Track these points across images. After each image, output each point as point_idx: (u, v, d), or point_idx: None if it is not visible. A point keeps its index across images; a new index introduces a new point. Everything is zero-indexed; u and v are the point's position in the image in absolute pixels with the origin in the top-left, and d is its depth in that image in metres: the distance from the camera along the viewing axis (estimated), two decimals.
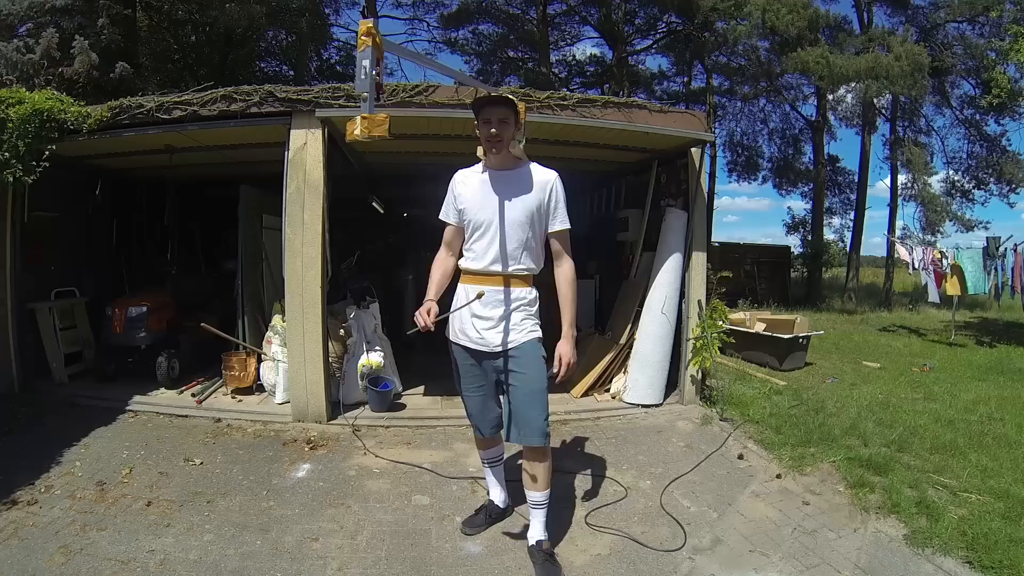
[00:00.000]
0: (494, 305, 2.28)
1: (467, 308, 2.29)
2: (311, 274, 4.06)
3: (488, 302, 2.27)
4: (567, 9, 18.10)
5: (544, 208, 2.28)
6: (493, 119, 2.22)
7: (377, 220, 8.36)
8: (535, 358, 2.29)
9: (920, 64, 12.02)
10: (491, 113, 2.23)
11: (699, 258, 4.73)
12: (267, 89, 4.08)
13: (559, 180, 2.31)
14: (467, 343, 2.35)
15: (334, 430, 3.97)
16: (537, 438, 2.28)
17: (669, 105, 12.32)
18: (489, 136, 2.23)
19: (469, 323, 2.32)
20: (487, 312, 2.29)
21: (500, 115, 2.22)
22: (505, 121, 2.23)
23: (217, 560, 2.37)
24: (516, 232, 2.26)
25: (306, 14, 13.89)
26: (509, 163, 2.32)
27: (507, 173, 2.31)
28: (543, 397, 2.30)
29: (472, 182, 2.36)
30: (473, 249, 2.33)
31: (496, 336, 2.28)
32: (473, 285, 2.30)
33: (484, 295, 2.25)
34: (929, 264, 8.90)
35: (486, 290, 2.26)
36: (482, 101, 2.27)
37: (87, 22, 9.20)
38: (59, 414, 4.05)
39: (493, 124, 2.22)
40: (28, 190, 4.25)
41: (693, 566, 2.43)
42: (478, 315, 2.29)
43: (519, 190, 2.27)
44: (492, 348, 2.30)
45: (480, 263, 2.29)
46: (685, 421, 4.34)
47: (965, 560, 2.44)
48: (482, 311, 2.29)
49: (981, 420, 4.41)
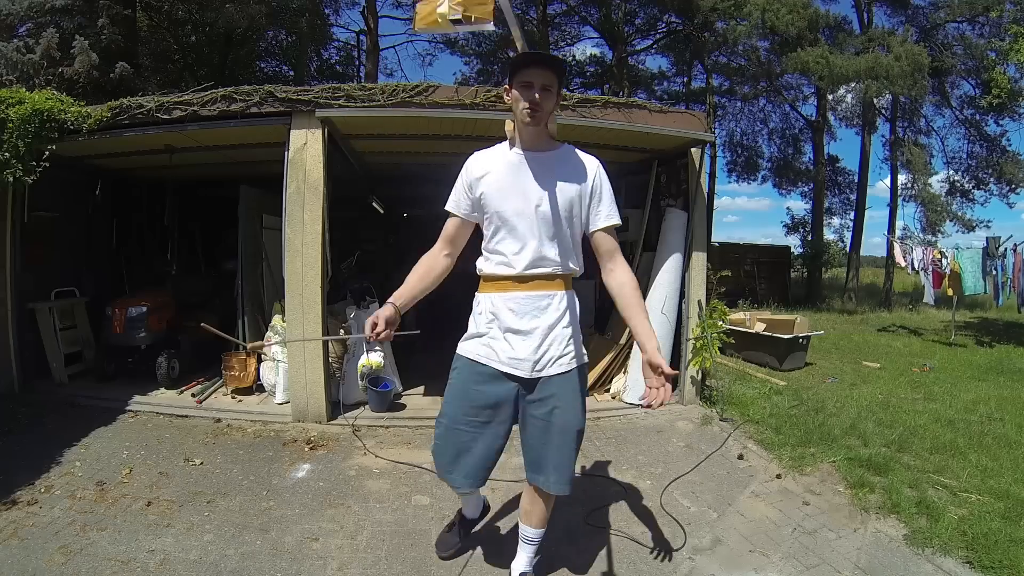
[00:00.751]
0: (533, 315, 1.84)
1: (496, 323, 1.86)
2: (311, 274, 4.06)
3: (526, 311, 1.85)
4: (567, 9, 18.10)
5: (587, 199, 1.88)
6: (536, 83, 1.75)
7: (377, 220, 8.37)
8: (579, 390, 1.92)
9: (920, 64, 12.03)
10: (534, 75, 1.75)
11: (699, 258, 4.73)
12: (267, 89, 4.08)
13: (604, 169, 1.94)
14: (493, 362, 1.88)
15: (334, 430, 3.97)
16: (566, 487, 1.92)
17: (669, 105, 12.31)
18: (530, 103, 1.75)
19: (502, 338, 1.86)
20: (525, 324, 1.84)
21: (545, 80, 1.76)
22: (549, 89, 1.77)
23: (217, 560, 2.37)
24: (556, 227, 1.84)
25: (306, 14, 13.90)
26: (544, 142, 1.89)
27: (543, 155, 1.88)
28: (580, 439, 1.94)
29: (497, 165, 1.88)
30: (501, 250, 1.87)
31: (535, 357, 1.84)
32: (502, 294, 1.86)
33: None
34: (928, 264, 8.91)
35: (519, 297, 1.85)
36: (524, 59, 1.81)
37: (87, 22, 9.21)
38: (59, 414, 4.05)
39: (535, 89, 1.75)
40: (28, 190, 4.25)
41: (693, 566, 2.43)
42: (512, 328, 1.85)
43: (559, 175, 1.85)
44: (529, 373, 1.85)
45: (513, 266, 1.85)
46: (685, 421, 4.34)
47: (965, 560, 2.44)
48: (518, 322, 1.84)
49: (981, 420, 4.41)
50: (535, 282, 1.86)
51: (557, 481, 1.91)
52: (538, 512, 2.05)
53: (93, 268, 5.63)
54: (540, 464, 1.91)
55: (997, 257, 8.28)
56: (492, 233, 1.90)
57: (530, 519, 2.07)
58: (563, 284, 1.90)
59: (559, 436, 1.88)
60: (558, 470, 1.90)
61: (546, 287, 1.86)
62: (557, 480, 1.90)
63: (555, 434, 1.88)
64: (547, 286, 1.87)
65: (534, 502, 2.03)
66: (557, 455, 1.89)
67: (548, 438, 1.89)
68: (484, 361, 1.89)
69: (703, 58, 16.89)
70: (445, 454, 1.96)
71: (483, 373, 1.90)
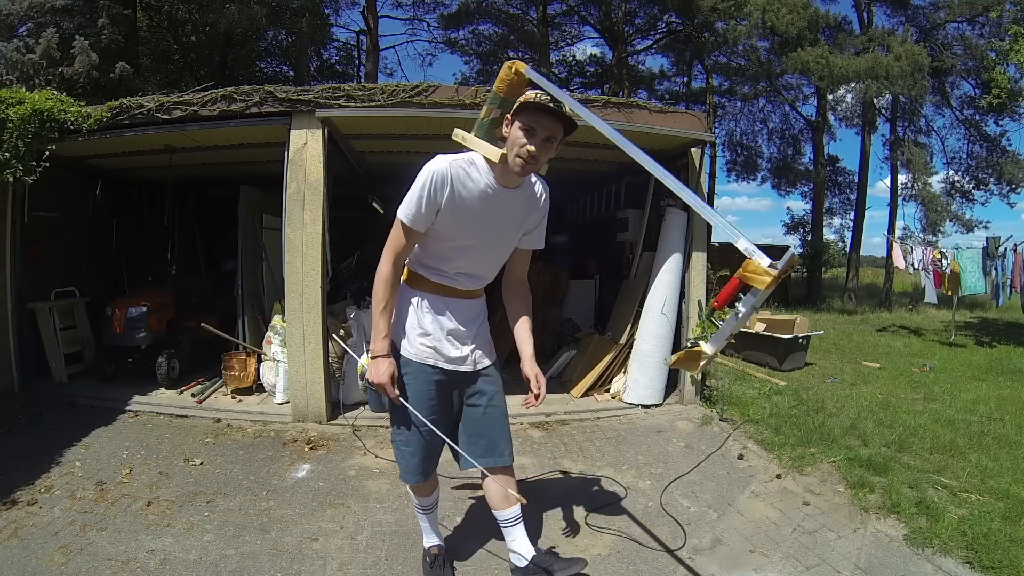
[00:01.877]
0: (470, 319, 2.01)
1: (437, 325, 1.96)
2: (311, 274, 4.06)
3: (467, 316, 2.00)
4: (567, 9, 18.11)
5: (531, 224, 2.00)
6: (541, 131, 1.70)
7: (377, 220, 8.37)
8: (499, 377, 2.13)
9: (920, 64, 12.04)
10: (542, 123, 1.70)
11: (699, 258, 4.73)
12: (267, 89, 4.08)
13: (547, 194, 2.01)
14: (442, 363, 1.97)
15: (334, 430, 3.97)
16: (512, 456, 2.12)
17: (669, 105, 12.31)
18: (526, 153, 1.70)
19: (445, 340, 1.95)
20: (464, 326, 1.99)
21: (551, 131, 1.72)
22: (551, 141, 1.74)
23: (217, 560, 2.37)
24: (502, 252, 2.00)
25: (306, 14, 13.90)
26: (517, 181, 1.87)
27: (514, 193, 1.88)
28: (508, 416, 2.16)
29: (470, 188, 1.80)
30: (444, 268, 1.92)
31: (475, 354, 2.02)
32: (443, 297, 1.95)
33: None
34: (929, 264, 8.91)
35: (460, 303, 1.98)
36: (536, 105, 1.68)
37: (87, 22, 9.20)
38: (59, 414, 4.05)
39: (537, 139, 1.70)
40: (28, 190, 4.25)
41: (693, 566, 2.43)
42: (454, 331, 1.97)
43: (519, 209, 1.92)
44: (472, 368, 2.02)
45: (457, 285, 1.95)
46: (685, 421, 4.34)
47: (965, 560, 2.44)
48: (458, 326, 1.97)
49: (981, 420, 4.41)
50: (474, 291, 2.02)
51: (506, 453, 2.08)
52: (512, 488, 2.08)
53: (93, 268, 5.63)
54: (495, 445, 2.05)
55: (997, 257, 8.28)
56: (440, 251, 1.90)
57: (507, 501, 2.06)
58: (482, 291, 2.08)
59: (501, 418, 2.07)
60: (504, 445, 2.07)
61: (477, 295, 2.04)
62: (505, 453, 2.07)
63: (498, 416, 2.07)
64: (477, 295, 2.05)
65: (506, 484, 2.07)
66: (502, 432, 2.07)
67: (495, 421, 2.06)
68: (432, 362, 1.97)
69: (703, 58, 16.90)
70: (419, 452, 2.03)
71: (430, 373, 1.98)
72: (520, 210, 1.92)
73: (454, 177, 1.78)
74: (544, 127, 1.70)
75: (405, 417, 2.00)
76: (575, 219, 7.49)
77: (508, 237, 1.96)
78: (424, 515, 2.27)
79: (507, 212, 1.89)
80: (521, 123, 1.71)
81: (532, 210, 1.95)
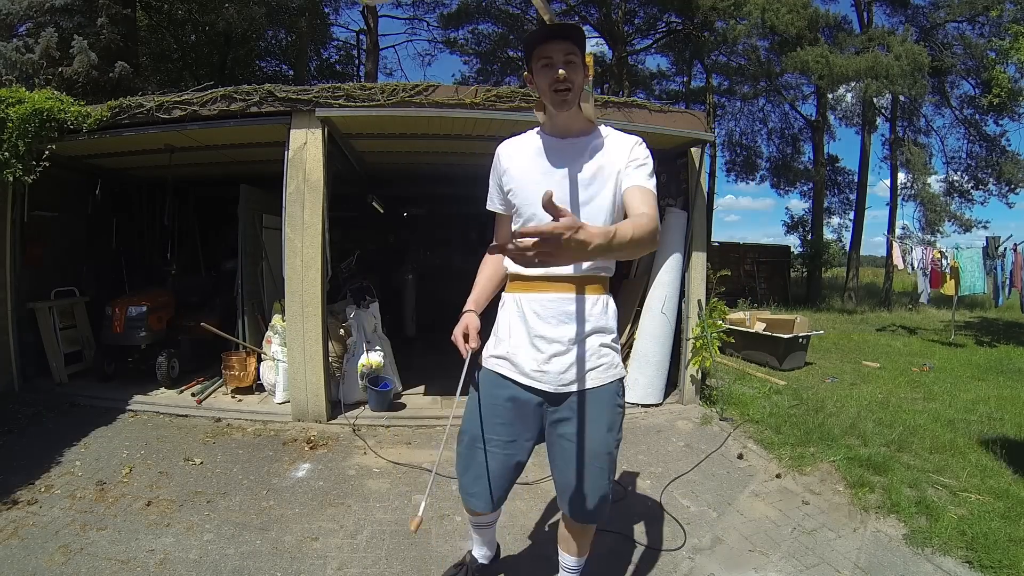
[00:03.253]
0: (561, 321, 1.63)
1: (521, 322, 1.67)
2: (311, 274, 4.06)
3: (551, 316, 1.64)
4: (567, 9, 18.08)
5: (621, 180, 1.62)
6: (556, 59, 1.51)
7: (377, 220, 8.37)
8: (614, 407, 1.69)
9: (920, 64, 12.03)
10: (553, 49, 1.52)
11: (699, 258, 4.73)
12: (267, 89, 4.08)
13: (643, 145, 1.66)
14: (516, 375, 1.68)
15: (334, 430, 3.97)
16: (603, 514, 1.72)
17: (669, 105, 12.32)
18: (556, 80, 1.51)
19: (526, 345, 1.66)
20: (553, 332, 1.63)
21: (566, 52, 1.52)
22: (573, 62, 1.53)
23: (217, 560, 2.37)
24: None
25: (306, 14, 13.90)
26: (579, 125, 1.64)
27: (577, 141, 1.64)
28: (614, 459, 1.72)
29: (524, 154, 1.68)
30: None
31: (565, 370, 1.63)
32: (527, 295, 1.66)
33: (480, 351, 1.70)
34: (928, 264, 8.92)
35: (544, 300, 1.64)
36: (540, 35, 1.56)
37: (86, 22, 9.19)
38: (59, 414, 4.05)
39: (558, 64, 1.51)
40: (28, 190, 4.25)
41: (693, 566, 2.43)
42: (541, 335, 1.64)
43: (592, 161, 1.61)
44: (557, 387, 1.65)
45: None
46: (685, 421, 4.34)
47: (965, 560, 2.44)
48: (547, 329, 1.63)
49: (981, 420, 4.41)
50: (563, 283, 1.64)
51: (594, 508, 1.69)
52: (574, 540, 1.84)
53: (93, 268, 5.63)
54: (566, 489, 1.71)
55: (996, 257, 8.29)
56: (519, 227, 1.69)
57: (567, 546, 1.87)
58: (595, 287, 1.67)
59: (597, 459, 1.67)
60: (593, 496, 1.68)
61: (575, 289, 1.65)
62: (593, 507, 1.68)
63: (582, 457, 1.66)
64: (576, 288, 1.65)
65: (578, 534, 1.83)
66: (596, 479, 1.67)
67: (574, 461, 1.67)
68: (506, 373, 1.71)
69: (703, 57, 16.89)
70: (467, 474, 1.79)
71: (505, 386, 1.71)
72: (594, 163, 1.62)
73: (506, 148, 1.74)
74: (556, 51, 1.53)
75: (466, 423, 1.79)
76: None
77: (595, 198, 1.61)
78: (476, 529, 2.12)
79: (573, 163, 1.62)
80: (537, 65, 1.56)
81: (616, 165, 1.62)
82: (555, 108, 1.58)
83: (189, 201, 6.90)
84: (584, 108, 1.64)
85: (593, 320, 1.65)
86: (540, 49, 1.54)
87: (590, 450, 1.66)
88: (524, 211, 1.66)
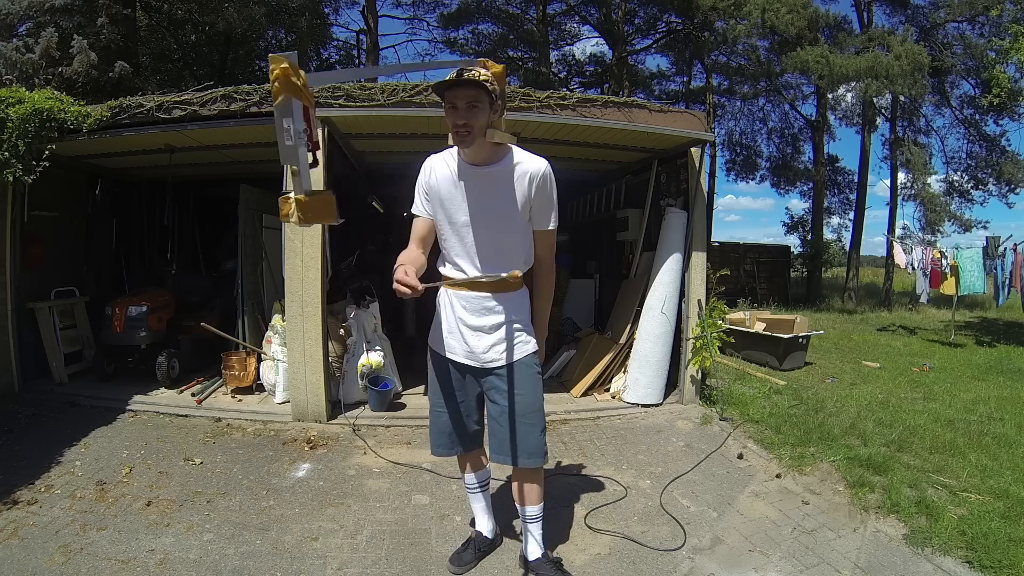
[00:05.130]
0: (482, 313, 2.02)
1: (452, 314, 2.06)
2: (311, 274, 4.06)
3: (475, 309, 2.02)
4: (567, 8, 18.12)
5: (531, 204, 1.94)
6: (460, 104, 1.78)
7: (377, 220, 8.36)
8: (532, 374, 2.08)
9: (920, 64, 12.03)
10: (456, 97, 1.79)
11: (699, 258, 4.73)
12: (267, 88, 4.06)
13: (548, 171, 1.93)
14: (453, 355, 2.09)
15: (334, 430, 3.97)
16: (538, 459, 2.08)
17: (669, 105, 12.31)
18: (456, 125, 1.80)
19: (457, 332, 2.06)
20: (477, 320, 2.02)
21: (468, 98, 1.78)
22: (475, 106, 1.78)
23: (217, 560, 2.37)
24: (499, 236, 1.96)
25: (306, 14, 13.90)
26: (486, 155, 1.91)
27: (485, 169, 1.92)
28: (542, 415, 2.10)
29: (443, 173, 1.98)
30: (451, 256, 2.05)
31: (490, 350, 2.04)
32: (456, 292, 2.04)
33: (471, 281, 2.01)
34: (928, 264, 8.92)
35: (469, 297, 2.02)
36: (444, 85, 1.80)
37: (86, 22, 9.19)
38: (59, 414, 4.05)
39: (459, 111, 1.78)
40: (28, 190, 4.25)
41: (693, 566, 2.43)
42: (468, 324, 2.03)
43: (499, 188, 1.91)
44: (484, 364, 2.06)
45: (464, 271, 2.02)
46: (685, 421, 4.34)
47: (965, 560, 2.44)
48: (472, 319, 2.03)
49: (981, 420, 4.41)
50: (482, 285, 2.00)
51: (531, 454, 2.06)
52: (535, 489, 2.17)
53: (93, 268, 5.63)
54: (513, 443, 2.06)
55: (996, 257, 8.29)
56: (442, 240, 2.05)
57: (530, 499, 2.18)
58: (512, 284, 2.02)
59: (524, 416, 2.05)
60: (528, 445, 2.05)
61: (494, 288, 2.00)
62: (530, 454, 2.06)
63: (520, 415, 2.05)
64: (495, 288, 2.00)
65: (528, 484, 2.17)
66: (527, 432, 2.05)
67: (507, 419, 2.06)
68: (446, 353, 2.11)
69: (703, 57, 16.90)
70: (442, 431, 2.20)
71: (448, 362, 2.12)
72: (503, 186, 1.92)
73: (432, 164, 2.03)
74: (457, 97, 1.79)
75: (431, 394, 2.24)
76: (575, 219, 7.49)
77: (502, 216, 1.94)
78: (472, 494, 2.42)
79: (487, 189, 1.93)
80: (444, 105, 1.83)
81: (522, 187, 1.91)
82: (456, 145, 1.89)
83: (189, 201, 6.89)
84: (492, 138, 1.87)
85: (509, 310, 2.03)
86: (447, 94, 1.81)
87: (521, 407, 2.05)
88: (445, 223, 2.01)
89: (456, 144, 1.88)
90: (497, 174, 1.92)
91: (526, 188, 1.91)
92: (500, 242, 1.97)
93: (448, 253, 2.05)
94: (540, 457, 2.08)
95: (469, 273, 1.99)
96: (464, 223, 1.96)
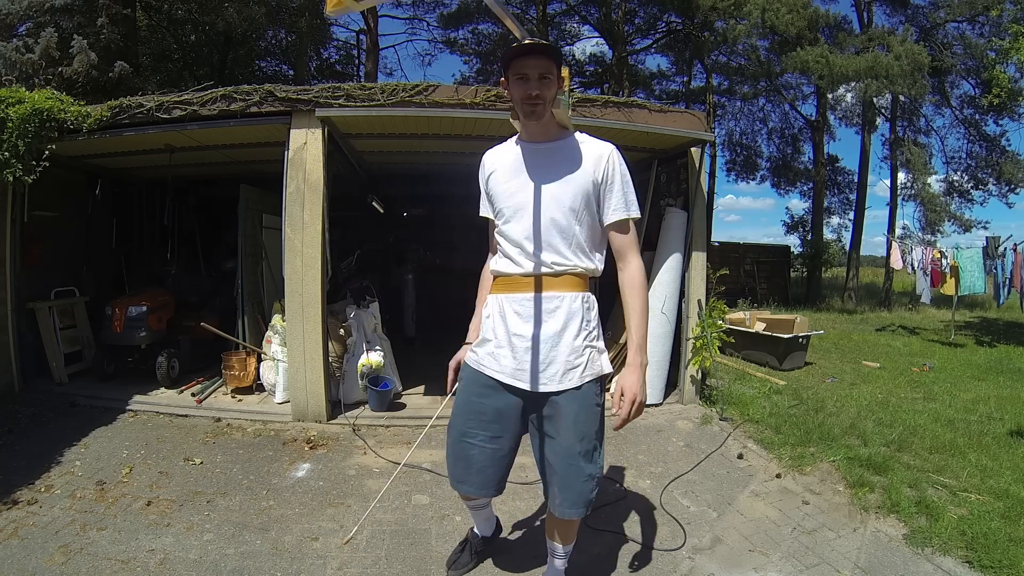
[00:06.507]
0: (540, 318, 1.73)
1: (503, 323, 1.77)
2: (311, 274, 4.06)
3: (531, 314, 1.73)
4: (567, 8, 18.11)
5: (598, 190, 1.74)
6: (531, 74, 1.64)
7: (377, 219, 8.37)
8: (593, 406, 1.77)
9: (920, 64, 12.03)
10: (527, 66, 1.64)
11: (699, 258, 4.73)
12: (267, 89, 4.08)
13: (616, 153, 1.76)
14: (496, 372, 1.77)
15: (334, 430, 3.97)
16: (580, 510, 1.76)
17: (669, 104, 12.31)
18: (527, 97, 1.66)
19: (505, 343, 1.75)
20: (530, 328, 1.72)
21: (541, 69, 1.65)
22: (547, 77, 1.66)
23: (217, 560, 2.37)
24: (562, 221, 1.72)
25: (306, 14, 13.88)
26: (552, 132, 1.78)
27: (549, 146, 1.77)
28: (596, 456, 1.78)
29: (504, 160, 1.82)
30: (507, 248, 1.78)
31: (541, 368, 1.71)
32: (508, 295, 1.76)
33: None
34: (928, 264, 8.92)
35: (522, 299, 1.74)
36: (515, 51, 1.66)
37: (86, 22, 9.18)
38: (59, 414, 4.05)
39: (531, 81, 1.65)
40: (28, 189, 4.25)
41: (693, 566, 2.43)
42: (517, 332, 1.73)
43: (565, 167, 1.73)
44: (534, 386, 1.73)
45: (519, 264, 1.74)
46: (685, 421, 4.34)
47: (964, 560, 2.44)
48: (523, 326, 1.72)
49: (981, 420, 4.41)
50: (542, 281, 1.73)
51: (574, 502, 1.75)
52: (559, 528, 1.94)
53: (93, 268, 5.63)
54: (548, 483, 1.81)
55: (996, 257, 8.29)
56: (499, 233, 1.83)
57: (552, 534, 1.98)
58: (575, 284, 1.75)
59: (576, 456, 1.73)
60: (573, 490, 1.74)
61: (555, 287, 1.73)
62: (573, 501, 1.75)
63: (573, 453, 1.73)
64: (556, 286, 1.73)
65: (563, 526, 1.92)
66: (576, 475, 1.74)
67: (553, 459, 1.76)
68: (486, 371, 1.79)
69: (703, 57, 16.89)
70: (456, 465, 1.88)
71: (486, 384, 1.80)
72: (567, 163, 1.74)
73: (488, 155, 1.89)
74: (529, 67, 1.66)
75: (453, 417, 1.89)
76: None
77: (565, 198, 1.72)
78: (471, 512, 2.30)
79: (550, 167, 1.75)
80: (512, 76, 1.69)
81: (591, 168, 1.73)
82: (525, 118, 1.73)
83: (189, 201, 6.89)
84: (556, 115, 1.77)
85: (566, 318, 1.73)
86: (517, 63, 1.66)
87: (567, 450, 1.73)
88: (503, 211, 1.80)
89: (524, 117, 1.72)
90: (560, 149, 1.77)
91: (590, 169, 1.73)
92: (558, 228, 1.72)
93: (504, 246, 1.80)
94: (582, 508, 1.76)
95: (525, 267, 1.74)
96: (518, 206, 1.75)
